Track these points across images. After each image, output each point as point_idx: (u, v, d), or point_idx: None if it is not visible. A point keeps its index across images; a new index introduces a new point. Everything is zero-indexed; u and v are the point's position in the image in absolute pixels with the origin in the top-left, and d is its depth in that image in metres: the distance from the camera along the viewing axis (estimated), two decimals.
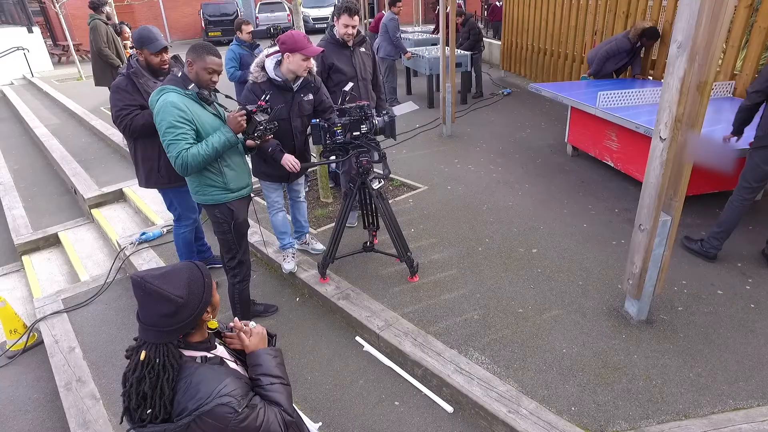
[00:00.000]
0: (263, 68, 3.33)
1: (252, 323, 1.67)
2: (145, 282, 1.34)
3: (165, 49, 3.37)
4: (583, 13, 7.68)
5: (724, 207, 3.59)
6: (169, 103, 2.60)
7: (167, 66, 3.40)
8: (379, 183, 3.53)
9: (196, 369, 1.38)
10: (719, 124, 4.42)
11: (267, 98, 3.01)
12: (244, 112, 2.75)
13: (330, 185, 5.07)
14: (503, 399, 2.61)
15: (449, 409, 2.71)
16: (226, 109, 2.99)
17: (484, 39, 9.91)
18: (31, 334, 3.85)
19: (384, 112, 3.58)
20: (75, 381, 3.24)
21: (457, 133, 6.76)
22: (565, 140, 5.79)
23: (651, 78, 6.41)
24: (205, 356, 1.44)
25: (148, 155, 3.44)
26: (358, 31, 4.08)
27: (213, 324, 1.50)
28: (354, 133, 3.28)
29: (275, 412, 1.45)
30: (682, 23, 2.48)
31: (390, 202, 4.77)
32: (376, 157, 3.41)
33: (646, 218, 2.85)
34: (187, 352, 1.42)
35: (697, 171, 4.01)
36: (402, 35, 10.52)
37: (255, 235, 4.32)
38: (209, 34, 18.53)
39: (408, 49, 8.66)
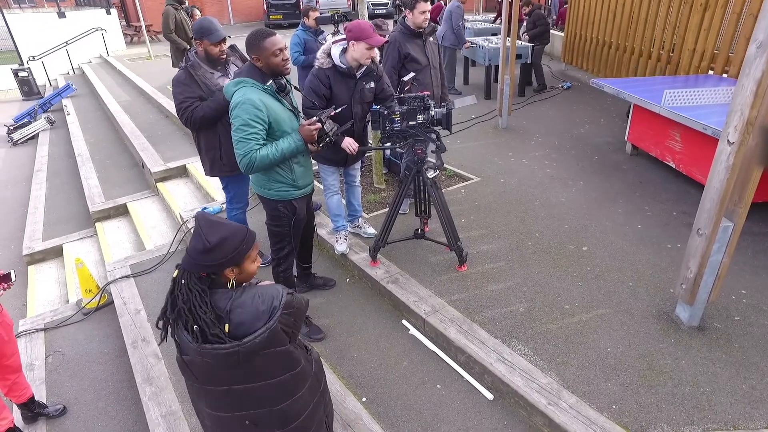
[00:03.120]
0: (329, 55, 3.45)
1: None
2: (198, 219, 1.64)
3: (224, 40, 3.47)
4: (655, 5, 7.36)
5: None
6: (248, 100, 2.58)
7: (225, 56, 3.51)
8: (434, 172, 3.59)
9: (250, 288, 1.67)
10: None
11: (339, 111, 3.06)
12: (318, 123, 2.77)
13: (384, 171, 5.17)
14: (543, 391, 2.65)
15: (489, 396, 2.79)
16: (299, 114, 2.97)
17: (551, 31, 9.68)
18: (103, 294, 4.20)
19: (443, 104, 3.64)
20: (140, 340, 3.53)
21: (513, 125, 6.70)
22: (625, 138, 5.63)
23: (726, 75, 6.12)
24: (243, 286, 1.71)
25: (211, 145, 3.60)
26: (428, 21, 4.19)
27: (231, 283, 1.67)
28: (410, 122, 3.35)
29: (296, 295, 1.74)
30: (765, 21, 2.39)
31: (443, 191, 4.84)
32: (432, 147, 3.49)
33: (706, 223, 2.79)
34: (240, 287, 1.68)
35: (764, 177, 3.86)
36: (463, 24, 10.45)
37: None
38: (270, 17, 18.94)
39: (467, 39, 8.60)
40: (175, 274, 1.63)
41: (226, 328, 1.55)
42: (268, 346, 1.59)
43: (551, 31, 9.83)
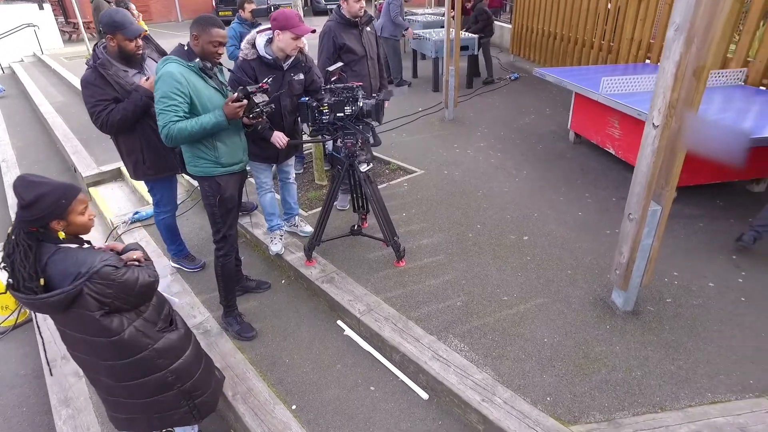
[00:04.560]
0: (254, 45, 3.28)
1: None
2: (16, 180, 1.82)
3: (140, 34, 3.17)
4: None
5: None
6: (168, 74, 2.60)
7: (141, 52, 3.22)
8: (368, 166, 3.47)
9: (76, 250, 1.90)
10: (728, 112, 4.28)
11: (269, 80, 2.96)
12: (243, 101, 2.72)
13: (325, 168, 5.02)
14: (478, 387, 2.57)
15: (424, 396, 2.69)
16: (227, 87, 2.93)
17: (494, 23, 9.70)
18: (22, 311, 3.89)
19: (374, 94, 3.51)
20: (60, 358, 3.27)
21: (460, 117, 6.65)
22: (568, 127, 5.66)
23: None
24: (81, 246, 1.96)
25: (132, 148, 3.33)
26: (365, 11, 4.06)
27: (61, 234, 1.88)
28: (338, 114, 3.21)
29: (146, 271, 2.01)
30: (681, 4, 2.37)
31: (385, 185, 4.74)
32: (369, 140, 3.36)
33: (636, 207, 2.77)
34: (64, 245, 1.88)
35: (696, 161, 3.91)
36: (411, 17, 10.39)
37: (245, 215, 4.31)
38: (220, 13, 18.45)
39: (415, 32, 8.51)
40: (8, 231, 1.84)
41: (41, 282, 1.78)
42: (68, 307, 1.82)
43: (497, 22, 9.89)
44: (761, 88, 4.94)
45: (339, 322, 3.23)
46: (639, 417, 2.39)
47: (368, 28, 4.22)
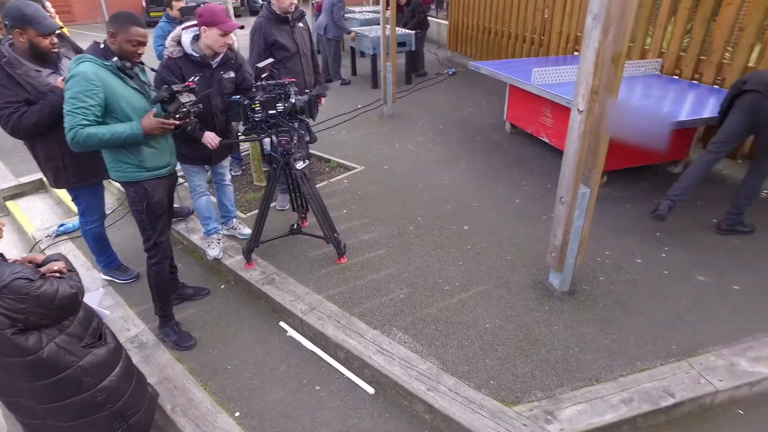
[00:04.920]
0: (179, 43, 3.15)
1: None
2: None
3: (54, 31, 2.93)
4: None
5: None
6: (81, 73, 2.44)
7: (56, 50, 2.99)
8: (304, 163, 3.41)
9: None
10: (649, 99, 4.51)
11: (196, 79, 2.85)
12: (174, 121, 2.63)
13: (264, 168, 4.91)
14: (423, 377, 2.58)
15: (370, 390, 2.67)
16: (150, 86, 2.80)
17: (429, 18, 9.82)
18: None
19: (306, 90, 3.46)
20: None
21: (399, 113, 6.68)
22: (504, 118, 5.81)
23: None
24: None
25: (51, 154, 3.10)
26: (296, 6, 3.98)
27: None
28: (270, 112, 3.14)
29: (67, 282, 1.89)
30: None
31: (325, 183, 4.69)
32: (305, 137, 3.29)
33: (566, 191, 2.85)
34: None
35: (622, 146, 4.10)
36: (350, 15, 10.36)
37: (180, 221, 4.15)
38: (151, 14, 17.69)
39: (352, 29, 8.49)
40: None
41: None
42: None
43: (435, 19, 10.02)
44: (674, 76, 5.24)
45: (282, 324, 3.16)
46: (577, 391, 2.47)
47: (300, 24, 4.15)
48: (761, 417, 2.46)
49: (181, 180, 3.67)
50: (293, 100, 3.17)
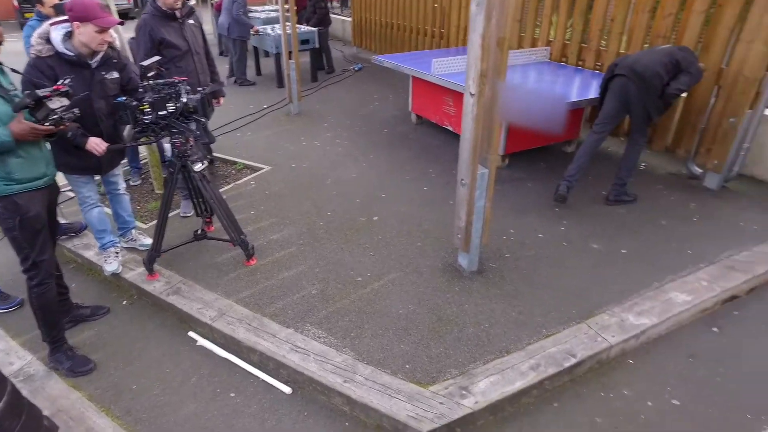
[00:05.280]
0: (48, 40, 2.85)
1: None
2: None
3: None
4: None
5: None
6: None
7: None
8: (202, 165, 3.26)
9: None
10: (542, 84, 4.78)
11: (68, 81, 2.58)
12: (48, 126, 2.38)
13: (164, 175, 4.64)
14: (339, 370, 2.55)
15: (287, 390, 2.60)
16: (14, 90, 2.51)
17: (334, 16, 9.80)
18: None
19: (198, 89, 3.31)
20: None
21: (305, 110, 6.60)
22: (410, 110, 5.91)
23: None
24: None
25: None
26: (183, 2, 3.77)
27: None
28: (160, 113, 2.96)
29: None
30: None
31: (231, 186, 4.53)
32: (202, 138, 3.13)
33: (466, 173, 2.94)
34: None
35: (520, 130, 4.31)
36: (252, 14, 10.07)
37: (72, 237, 3.83)
38: (25, 15, 16.10)
39: (256, 27, 8.24)
40: None
41: None
42: None
43: (339, 16, 10.00)
44: (562, 63, 5.60)
45: (191, 333, 3.00)
46: (489, 364, 2.56)
47: (191, 21, 3.96)
48: (646, 363, 2.70)
49: (70, 194, 3.38)
50: (185, 100, 3.01)
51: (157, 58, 3.37)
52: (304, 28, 8.06)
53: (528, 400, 2.50)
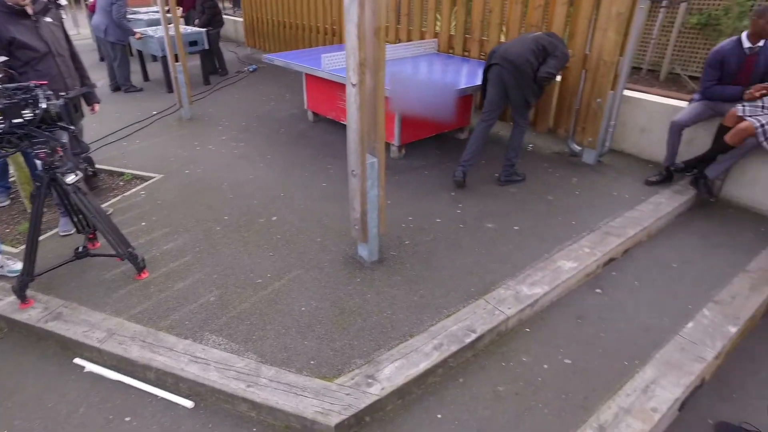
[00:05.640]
0: None
1: None
2: None
3: None
4: None
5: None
6: None
7: None
8: (76, 176, 2.99)
9: None
10: (432, 74, 4.92)
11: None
12: None
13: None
14: (242, 375, 2.47)
15: (189, 404, 2.47)
16: None
17: (226, 16, 9.46)
18: None
19: (62, 94, 3.03)
20: None
21: (199, 115, 6.31)
22: (306, 107, 5.85)
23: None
24: None
25: None
26: None
27: None
28: (15, 121, 2.68)
29: None
30: None
31: (119, 198, 4.22)
32: (77, 148, 2.87)
33: (356, 163, 2.95)
34: None
35: (415, 120, 4.42)
36: (134, 16, 9.45)
37: None
38: None
39: (138, 30, 7.73)
40: None
41: None
42: None
43: (231, 17, 9.66)
44: (449, 54, 5.82)
45: (77, 360, 2.76)
46: (393, 349, 2.60)
47: (48, 19, 3.55)
48: (541, 329, 2.89)
49: None
50: (44, 106, 2.74)
51: (3, 58, 3.04)
52: (191, 29, 7.71)
53: (434, 380, 2.57)
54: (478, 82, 4.51)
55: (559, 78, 4.91)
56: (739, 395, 2.84)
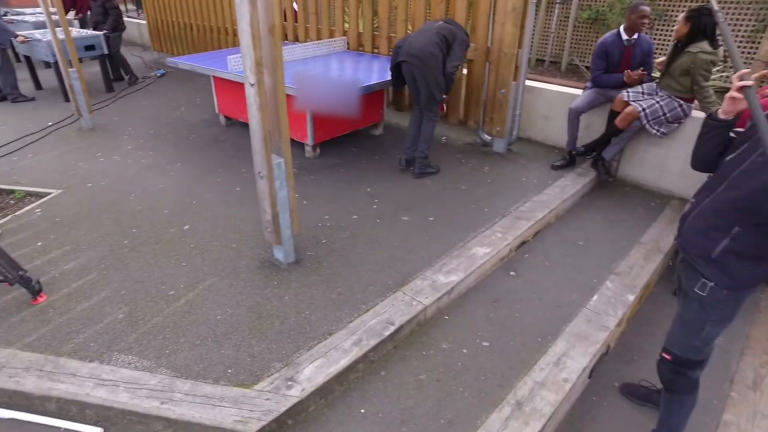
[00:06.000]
0: None
1: None
2: None
3: None
4: None
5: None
6: None
7: None
8: None
9: None
10: (340, 72, 4.92)
11: None
12: None
13: None
14: (155, 392, 2.36)
15: (97, 431, 2.32)
16: None
17: (129, 19, 8.94)
18: None
19: None
20: None
21: (102, 124, 5.93)
22: (217, 111, 5.67)
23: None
24: None
25: None
26: None
27: None
28: None
29: None
30: None
31: (9, 218, 3.90)
32: None
33: (262, 164, 2.90)
34: None
35: (328, 119, 4.41)
36: (17, 17, 8.73)
37: None
38: None
39: (20, 33, 7.13)
40: None
41: None
42: None
43: (133, 20, 9.14)
44: (360, 51, 5.86)
45: None
46: (313, 349, 2.58)
47: None
48: (459, 315, 2.99)
49: None
50: None
51: None
52: (86, 32, 7.23)
53: (356, 375, 2.58)
54: (388, 77, 4.57)
55: (465, 71, 5.09)
56: (639, 357, 3.09)
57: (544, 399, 2.49)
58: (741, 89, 1.80)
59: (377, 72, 4.88)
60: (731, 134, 2.02)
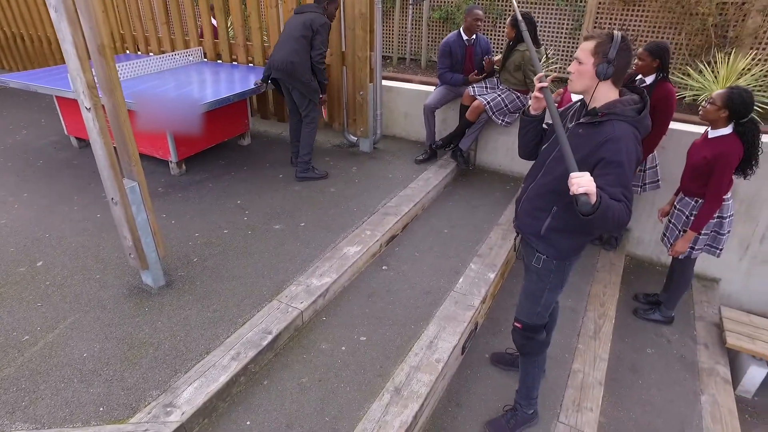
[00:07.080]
0: None
1: None
2: None
3: None
4: None
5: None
6: None
7: None
8: None
9: None
10: (189, 86, 4.77)
11: None
12: None
13: None
14: None
15: None
16: None
17: None
18: None
19: None
20: None
21: None
22: (66, 133, 5.23)
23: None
24: None
25: None
26: None
27: None
28: None
29: None
30: None
31: None
32: None
33: (113, 190, 2.79)
34: None
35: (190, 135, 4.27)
36: None
37: None
38: None
39: None
40: None
41: None
42: None
43: None
44: (218, 61, 5.75)
45: None
46: (190, 371, 2.57)
47: None
48: (336, 315, 3.15)
49: None
50: None
51: None
52: None
53: (238, 389, 2.61)
54: (245, 88, 4.50)
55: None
56: (506, 328, 3.47)
57: (419, 381, 2.72)
58: (541, 90, 2.13)
59: (238, 81, 4.83)
60: (544, 126, 2.39)
